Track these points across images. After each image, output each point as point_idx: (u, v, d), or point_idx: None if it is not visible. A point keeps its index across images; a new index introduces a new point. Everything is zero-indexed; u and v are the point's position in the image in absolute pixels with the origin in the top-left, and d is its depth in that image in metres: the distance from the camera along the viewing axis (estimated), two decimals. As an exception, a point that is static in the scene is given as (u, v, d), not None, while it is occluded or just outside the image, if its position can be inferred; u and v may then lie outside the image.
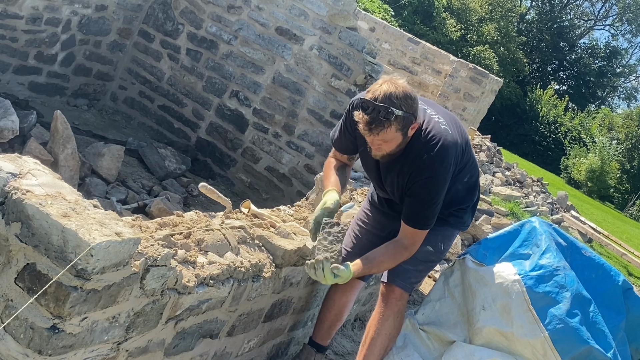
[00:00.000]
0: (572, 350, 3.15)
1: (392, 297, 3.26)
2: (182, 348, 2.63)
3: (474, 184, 3.27)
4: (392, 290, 3.26)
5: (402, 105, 2.72)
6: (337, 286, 3.50)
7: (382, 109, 2.70)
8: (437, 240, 3.26)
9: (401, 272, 3.26)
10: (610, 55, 42.67)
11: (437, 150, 2.87)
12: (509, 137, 31.20)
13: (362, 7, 16.03)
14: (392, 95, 2.71)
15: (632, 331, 3.52)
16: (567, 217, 13.19)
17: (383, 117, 2.70)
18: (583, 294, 3.29)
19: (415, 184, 2.92)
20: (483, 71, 11.09)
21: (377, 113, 2.70)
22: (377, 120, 2.72)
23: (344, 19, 6.53)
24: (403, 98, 2.73)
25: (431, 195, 2.93)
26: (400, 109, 2.72)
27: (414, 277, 3.31)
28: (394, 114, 2.70)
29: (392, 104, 2.71)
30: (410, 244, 3.06)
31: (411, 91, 2.79)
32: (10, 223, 1.99)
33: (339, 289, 3.49)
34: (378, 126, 2.73)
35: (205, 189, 3.26)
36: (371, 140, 2.83)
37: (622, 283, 3.52)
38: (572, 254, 3.50)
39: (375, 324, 3.27)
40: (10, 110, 4.87)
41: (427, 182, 2.90)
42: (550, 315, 3.19)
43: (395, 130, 2.76)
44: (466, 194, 3.24)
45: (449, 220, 3.26)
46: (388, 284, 3.28)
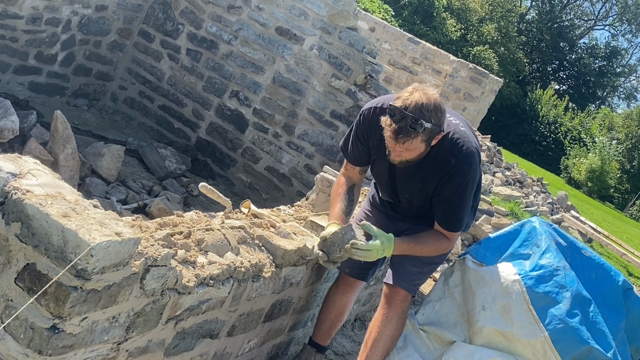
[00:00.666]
0: (572, 350, 3.15)
1: (397, 298, 3.26)
2: (182, 348, 2.63)
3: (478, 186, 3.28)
4: (396, 292, 3.26)
5: (432, 117, 2.70)
6: (338, 287, 3.50)
7: (411, 120, 2.67)
8: None
9: (406, 274, 3.26)
10: (610, 55, 42.68)
11: (464, 154, 2.89)
12: (509, 137, 31.20)
13: (362, 7, 16.03)
14: (423, 106, 2.68)
15: (632, 331, 3.52)
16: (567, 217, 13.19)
17: (411, 127, 2.67)
18: (583, 294, 3.29)
19: (445, 189, 2.93)
20: (483, 71, 11.09)
21: (405, 123, 2.68)
22: (405, 130, 2.69)
23: (344, 19, 6.53)
24: (434, 110, 2.71)
25: (463, 198, 2.96)
26: (430, 122, 2.70)
27: (417, 279, 3.31)
28: (423, 126, 2.68)
29: (422, 116, 2.68)
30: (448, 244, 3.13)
31: (441, 103, 2.77)
32: (10, 223, 1.99)
33: (340, 289, 3.49)
34: (405, 136, 2.70)
35: (205, 189, 3.26)
36: (393, 146, 2.81)
37: (622, 283, 3.52)
38: (572, 254, 3.50)
39: (378, 325, 3.27)
40: (10, 110, 4.87)
41: (458, 186, 2.91)
42: (550, 315, 3.19)
43: (421, 141, 2.75)
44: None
45: None
46: (392, 285, 3.28)
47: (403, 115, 2.67)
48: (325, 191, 3.87)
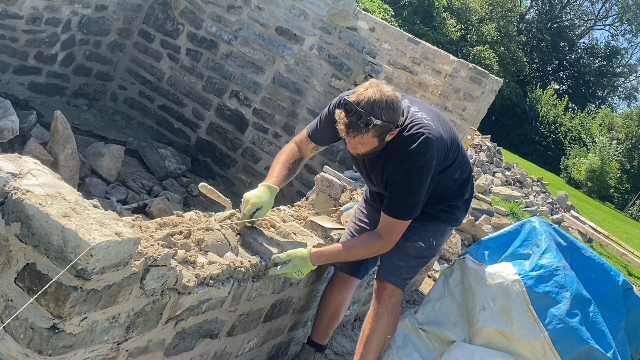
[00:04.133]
0: (572, 350, 3.15)
1: (385, 293, 3.26)
2: (182, 348, 2.63)
3: (466, 181, 3.27)
4: (384, 287, 3.27)
5: (383, 114, 2.73)
6: (333, 285, 3.50)
7: (362, 115, 2.70)
8: (428, 235, 3.27)
9: (393, 269, 3.26)
10: (610, 54, 42.67)
11: (418, 144, 2.88)
12: (509, 137, 31.21)
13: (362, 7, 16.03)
14: (374, 103, 2.71)
15: (632, 331, 3.53)
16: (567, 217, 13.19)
17: (362, 123, 2.71)
18: (583, 294, 3.30)
19: (396, 175, 2.94)
20: (483, 71, 11.09)
21: (356, 118, 2.71)
22: (355, 125, 2.72)
23: (344, 19, 6.53)
24: (385, 107, 2.73)
25: (410, 187, 2.93)
26: (380, 119, 2.72)
27: (405, 273, 3.30)
28: (372, 123, 2.71)
29: (373, 113, 2.71)
30: (386, 234, 3.04)
31: (395, 99, 2.78)
32: (10, 223, 1.99)
33: (335, 287, 3.49)
34: (355, 130, 2.74)
35: (205, 189, 3.26)
36: (348, 140, 2.86)
37: (622, 283, 3.52)
38: (572, 254, 3.50)
39: (370, 321, 3.27)
40: (10, 110, 4.87)
41: (407, 173, 2.90)
42: (550, 315, 3.19)
43: (372, 137, 2.78)
44: (457, 190, 3.24)
45: (441, 217, 3.27)
46: (380, 280, 3.29)
47: (354, 110, 2.70)
48: (325, 191, 3.87)
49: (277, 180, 3.06)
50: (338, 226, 3.57)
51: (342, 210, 3.71)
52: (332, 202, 3.84)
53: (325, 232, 3.44)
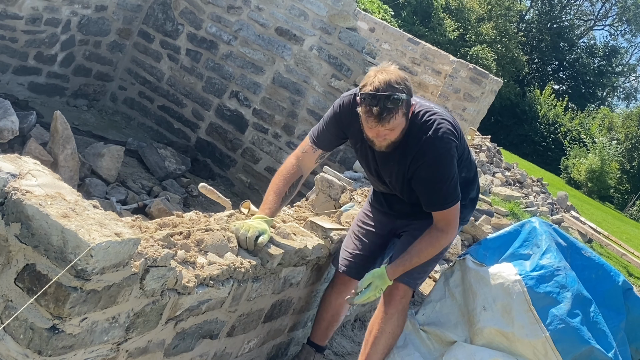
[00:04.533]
0: (573, 350, 3.15)
1: (397, 294, 3.21)
2: (182, 348, 2.63)
3: (472, 180, 3.27)
4: (396, 288, 3.21)
5: (403, 88, 2.75)
6: (333, 287, 3.48)
7: (388, 97, 2.71)
8: None
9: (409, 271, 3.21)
10: (609, 54, 42.68)
11: (435, 129, 2.87)
12: (508, 137, 31.21)
13: (362, 8, 16.03)
14: (391, 81, 2.73)
15: (632, 331, 3.52)
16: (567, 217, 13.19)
17: (391, 104, 2.71)
18: (584, 294, 3.29)
19: (420, 169, 2.90)
20: (483, 71, 11.09)
21: (384, 102, 2.71)
22: (386, 110, 2.71)
23: (344, 20, 6.53)
24: (401, 81, 2.76)
25: (441, 175, 2.90)
26: (403, 92, 2.74)
27: (417, 273, 3.26)
28: (400, 99, 2.72)
29: (395, 89, 2.72)
30: (446, 225, 3.03)
31: (401, 73, 2.82)
32: (10, 223, 1.99)
33: (335, 289, 3.47)
34: (388, 115, 2.73)
35: (205, 190, 3.26)
36: (377, 132, 2.81)
37: (622, 283, 3.52)
38: (572, 254, 3.50)
39: (379, 322, 3.23)
40: (10, 110, 4.87)
41: (431, 164, 2.88)
42: (552, 315, 3.19)
43: (402, 115, 2.78)
44: (463, 189, 3.23)
45: None
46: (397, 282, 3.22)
47: (378, 97, 2.71)
48: (325, 191, 3.87)
49: (271, 210, 3.02)
50: (338, 226, 3.57)
51: (342, 211, 3.71)
52: (332, 202, 3.84)
53: (325, 233, 3.44)
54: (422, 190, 2.98)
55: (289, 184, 3.11)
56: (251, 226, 2.82)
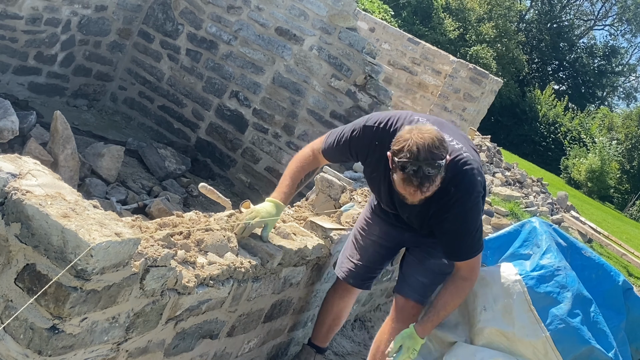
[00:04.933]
0: (574, 350, 3.15)
1: (410, 312, 3.12)
2: (182, 348, 2.63)
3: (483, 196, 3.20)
4: (407, 304, 3.12)
5: (443, 152, 2.57)
6: (336, 291, 3.44)
7: (429, 166, 2.52)
8: None
9: (417, 286, 3.15)
10: (609, 54, 42.68)
11: (465, 181, 2.73)
12: (508, 137, 31.21)
13: (362, 8, 16.03)
14: (430, 147, 2.53)
15: (632, 331, 3.52)
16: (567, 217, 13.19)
17: (432, 172, 2.53)
18: (584, 294, 3.29)
19: (445, 221, 2.77)
20: (483, 71, 11.09)
21: (425, 172, 2.52)
22: (428, 179, 2.54)
23: (344, 20, 6.53)
24: (439, 144, 2.56)
25: (467, 227, 2.79)
26: (442, 158, 2.56)
27: (429, 290, 3.19)
28: (441, 166, 2.55)
29: (436, 156, 2.54)
30: (469, 273, 2.92)
31: (438, 133, 2.61)
32: (10, 223, 1.99)
33: (337, 294, 3.44)
34: (429, 184, 2.56)
35: (205, 190, 3.26)
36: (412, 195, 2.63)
37: (622, 283, 3.52)
38: (572, 254, 3.50)
39: (387, 337, 3.13)
40: (10, 110, 4.87)
41: (459, 217, 2.75)
42: (552, 315, 3.19)
43: (440, 179, 2.61)
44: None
45: None
46: (405, 298, 3.14)
47: (419, 167, 2.52)
48: (325, 191, 3.87)
49: (285, 196, 2.96)
50: (338, 226, 3.56)
51: (342, 211, 3.71)
52: (332, 202, 3.83)
53: (325, 233, 3.44)
54: (445, 241, 2.87)
55: (306, 172, 3.07)
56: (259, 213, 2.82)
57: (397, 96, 11.04)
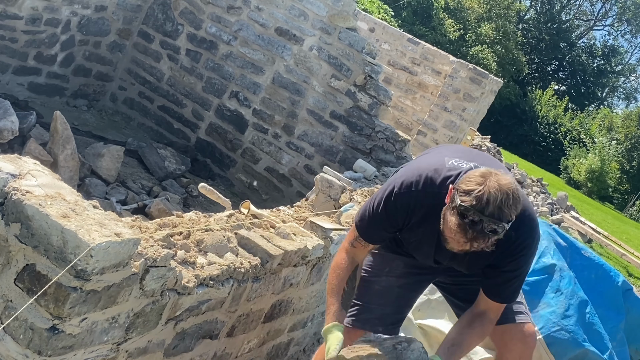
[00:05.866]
0: (567, 353, 3.16)
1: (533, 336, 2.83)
2: (182, 349, 2.63)
3: None
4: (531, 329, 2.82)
5: (512, 213, 2.26)
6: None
7: (493, 224, 2.22)
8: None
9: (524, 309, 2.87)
10: (609, 54, 42.69)
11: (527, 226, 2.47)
12: (508, 137, 31.21)
13: (362, 8, 16.03)
14: (503, 204, 2.21)
15: (632, 332, 3.53)
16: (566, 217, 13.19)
17: (490, 231, 2.23)
18: (579, 296, 3.30)
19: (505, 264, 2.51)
20: (483, 71, 11.09)
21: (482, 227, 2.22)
22: (484, 237, 2.25)
23: (344, 20, 6.53)
24: (514, 205, 2.25)
25: (523, 271, 2.58)
26: (510, 219, 2.26)
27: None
28: (504, 230, 2.25)
29: (504, 216, 2.23)
30: (496, 317, 2.67)
31: (518, 189, 2.31)
32: (10, 224, 1.99)
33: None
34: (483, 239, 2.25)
35: (205, 190, 3.27)
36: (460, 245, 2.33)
37: (622, 284, 3.53)
38: (572, 254, 3.51)
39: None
40: (9, 110, 4.87)
41: (520, 262, 2.53)
42: (545, 319, 3.20)
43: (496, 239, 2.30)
44: None
45: None
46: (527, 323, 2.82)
47: (480, 219, 2.21)
48: (325, 192, 3.87)
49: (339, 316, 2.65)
50: (338, 227, 3.57)
51: (341, 211, 3.71)
52: (331, 202, 3.84)
53: (325, 233, 3.44)
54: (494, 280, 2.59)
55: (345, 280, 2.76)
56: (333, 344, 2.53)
57: (397, 96, 11.04)
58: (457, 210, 2.25)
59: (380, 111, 6.40)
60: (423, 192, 2.48)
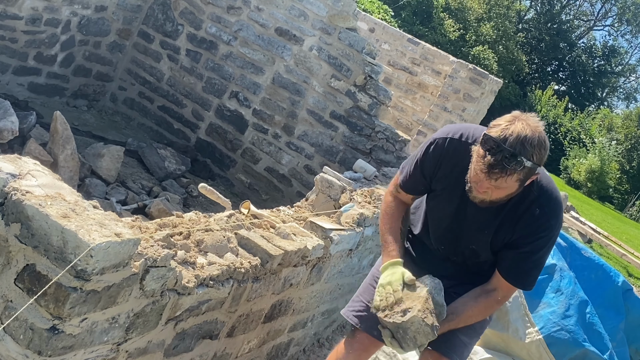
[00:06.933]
0: (567, 353, 3.17)
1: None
2: (182, 349, 2.63)
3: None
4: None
5: (535, 154, 2.30)
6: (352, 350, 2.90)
7: (511, 155, 2.27)
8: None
9: (459, 346, 2.78)
10: (609, 54, 42.70)
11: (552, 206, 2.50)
12: (508, 137, 31.14)
13: (362, 8, 16.03)
14: (526, 139, 2.28)
15: (632, 332, 3.53)
16: (566, 217, 13.18)
17: (508, 163, 2.27)
18: (580, 296, 3.30)
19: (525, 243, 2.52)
20: (483, 72, 11.08)
21: (502, 156, 2.27)
22: (500, 165, 2.28)
23: (344, 20, 6.53)
24: (537, 145, 2.30)
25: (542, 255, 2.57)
26: (531, 159, 2.29)
27: (467, 351, 2.87)
28: (522, 164, 2.28)
29: (524, 151, 2.27)
30: (503, 298, 2.65)
31: (545, 137, 2.36)
32: (10, 224, 1.99)
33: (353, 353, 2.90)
34: (500, 172, 2.29)
35: (205, 190, 3.27)
36: (481, 182, 2.37)
37: (622, 284, 3.53)
38: (572, 254, 3.51)
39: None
40: (9, 111, 4.87)
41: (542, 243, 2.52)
42: (546, 319, 3.21)
43: (516, 180, 2.33)
44: None
45: None
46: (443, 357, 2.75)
47: (500, 148, 2.27)
48: (325, 192, 3.87)
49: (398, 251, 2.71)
50: (338, 227, 3.57)
51: (341, 211, 3.71)
52: (331, 202, 3.84)
53: (325, 233, 3.44)
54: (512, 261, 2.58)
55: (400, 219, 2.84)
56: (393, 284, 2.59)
57: (397, 96, 11.04)
58: (481, 141, 2.34)
59: (380, 111, 6.40)
60: (458, 140, 2.56)
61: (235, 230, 2.91)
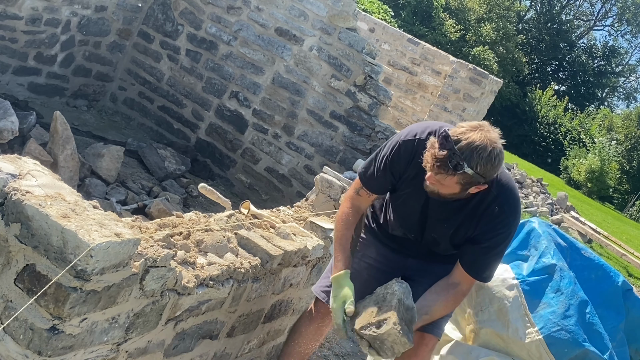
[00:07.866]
0: (568, 353, 3.16)
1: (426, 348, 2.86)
2: (182, 349, 2.63)
3: None
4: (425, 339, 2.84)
5: (480, 165, 2.37)
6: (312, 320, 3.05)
7: (454, 158, 2.37)
8: None
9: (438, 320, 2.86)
10: (609, 54, 42.70)
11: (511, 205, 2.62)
12: (508, 137, 30.67)
13: (362, 8, 16.03)
14: (476, 149, 2.36)
15: (632, 332, 3.53)
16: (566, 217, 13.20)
17: (451, 164, 2.38)
18: (580, 296, 3.30)
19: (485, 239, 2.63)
20: (482, 72, 11.09)
21: (449, 156, 2.37)
22: (442, 162, 2.39)
23: (344, 20, 6.53)
24: (486, 158, 2.37)
25: (500, 250, 2.69)
26: (474, 169, 2.37)
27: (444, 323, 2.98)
28: (463, 169, 2.37)
29: (469, 159, 2.36)
30: (468, 289, 2.78)
31: (500, 154, 2.43)
32: (10, 224, 1.99)
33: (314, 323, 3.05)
34: (441, 168, 2.40)
35: (205, 190, 3.27)
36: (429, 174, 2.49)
37: (622, 284, 3.53)
38: (572, 254, 3.51)
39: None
40: (9, 111, 4.87)
41: (500, 239, 2.64)
42: (546, 319, 3.20)
43: (456, 183, 2.44)
44: None
45: None
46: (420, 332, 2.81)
47: (450, 146, 2.37)
48: (325, 192, 3.87)
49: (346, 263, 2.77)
50: (338, 227, 3.56)
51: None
52: (331, 202, 3.84)
53: (325, 233, 3.44)
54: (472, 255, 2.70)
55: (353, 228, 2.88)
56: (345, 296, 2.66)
57: (397, 96, 11.04)
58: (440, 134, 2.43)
59: (380, 111, 6.40)
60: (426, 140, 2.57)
61: (235, 230, 2.91)
